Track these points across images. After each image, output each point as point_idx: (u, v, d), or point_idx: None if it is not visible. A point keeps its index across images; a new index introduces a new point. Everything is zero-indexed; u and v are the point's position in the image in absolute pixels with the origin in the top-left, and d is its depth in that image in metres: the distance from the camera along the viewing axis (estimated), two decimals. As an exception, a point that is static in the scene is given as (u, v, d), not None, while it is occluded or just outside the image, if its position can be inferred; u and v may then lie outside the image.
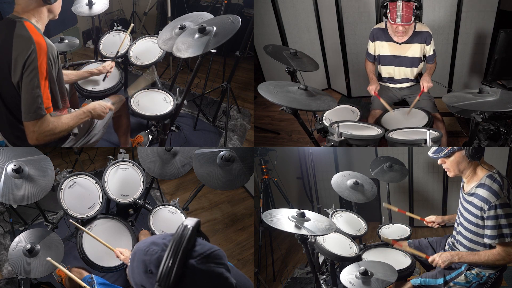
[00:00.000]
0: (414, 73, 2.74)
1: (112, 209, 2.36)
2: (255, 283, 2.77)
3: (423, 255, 2.06)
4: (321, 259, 2.37)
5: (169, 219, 2.32)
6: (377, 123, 2.40)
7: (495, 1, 3.17)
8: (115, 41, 2.78)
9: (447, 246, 2.13)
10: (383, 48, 2.72)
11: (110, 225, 2.21)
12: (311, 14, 3.70)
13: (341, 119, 2.38)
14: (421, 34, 2.61)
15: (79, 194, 2.16)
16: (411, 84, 2.79)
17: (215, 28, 1.93)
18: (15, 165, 1.96)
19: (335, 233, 2.31)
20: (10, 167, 1.97)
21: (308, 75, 2.67)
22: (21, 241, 1.99)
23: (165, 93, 2.39)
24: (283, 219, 1.83)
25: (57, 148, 3.49)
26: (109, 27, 3.07)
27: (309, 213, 1.86)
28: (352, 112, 2.56)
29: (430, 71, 2.69)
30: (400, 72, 2.75)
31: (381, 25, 2.70)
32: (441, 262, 1.89)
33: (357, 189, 2.51)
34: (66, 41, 2.79)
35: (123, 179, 2.27)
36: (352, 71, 3.84)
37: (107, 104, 2.12)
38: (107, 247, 1.95)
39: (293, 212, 1.85)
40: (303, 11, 3.69)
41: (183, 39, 2.00)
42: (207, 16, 2.33)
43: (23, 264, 1.93)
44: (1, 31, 1.77)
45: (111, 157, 2.28)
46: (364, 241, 2.38)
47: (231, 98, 3.28)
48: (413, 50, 2.65)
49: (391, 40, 2.66)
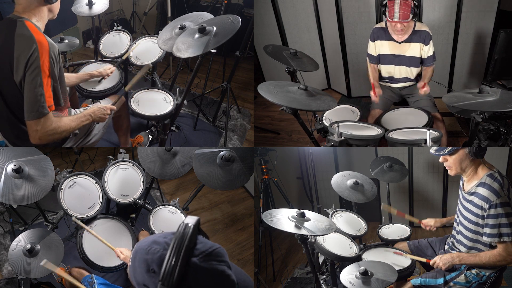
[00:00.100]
0: (414, 72, 2.74)
1: (112, 209, 2.36)
2: (255, 283, 2.77)
3: (423, 260, 2.05)
4: (321, 259, 2.37)
5: (169, 219, 2.32)
6: (377, 123, 2.41)
7: (495, 1, 3.17)
8: (115, 41, 2.78)
9: (446, 246, 2.13)
10: (383, 47, 2.72)
11: (110, 225, 2.21)
12: (311, 14, 3.70)
13: (341, 119, 2.38)
14: (420, 33, 2.60)
15: (79, 194, 2.16)
16: (411, 83, 2.79)
17: (215, 28, 1.93)
18: (15, 165, 1.97)
19: (335, 233, 2.31)
20: (10, 167, 1.97)
21: (308, 75, 2.67)
22: (21, 241, 1.99)
23: (165, 93, 2.39)
24: (283, 219, 1.83)
25: (57, 148, 3.49)
26: (109, 27, 3.07)
27: (309, 213, 1.86)
28: (352, 112, 2.56)
29: (427, 80, 2.63)
30: (400, 71, 2.75)
31: (381, 25, 2.70)
32: (442, 264, 1.89)
33: (357, 189, 2.51)
34: (66, 41, 2.79)
35: (123, 179, 2.27)
36: (352, 71, 3.84)
37: (108, 105, 2.12)
38: (108, 246, 1.95)
39: (293, 212, 1.85)
40: (303, 11, 3.69)
41: (183, 39, 2.00)
42: (207, 16, 2.33)
43: (23, 264, 1.93)
44: (2, 31, 1.77)
45: (111, 157, 2.29)
46: (364, 241, 2.38)
47: (231, 98, 3.28)
48: (413, 49, 2.65)
49: (391, 39, 2.66)
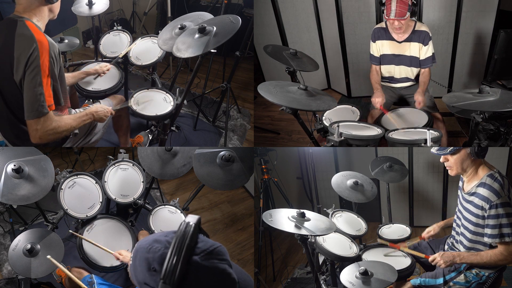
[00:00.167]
0: (414, 72, 2.73)
1: (112, 209, 2.36)
2: (255, 283, 2.77)
3: (422, 255, 2.05)
4: (321, 259, 2.37)
5: (169, 219, 2.32)
6: (377, 123, 2.40)
7: (495, 1, 3.17)
8: (115, 41, 2.78)
9: (446, 246, 2.13)
10: (383, 47, 2.72)
11: (110, 225, 2.21)
12: (311, 14, 3.70)
13: (341, 119, 2.38)
14: (419, 33, 2.60)
15: (79, 194, 2.16)
16: (411, 83, 2.79)
17: (215, 28, 1.93)
18: (15, 165, 1.96)
19: (335, 233, 2.31)
20: (10, 167, 1.97)
21: (308, 75, 2.67)
22: (21, 241, 1.99)
23: (165, 93, 2.39)
24: (283, 219, 1.83)
25: (57, 148, 3.49)
26: (109, 27, 3.07)
27: (309, 213, 1.86)
28: (352, 112, 2.56)
29: (423, 86, 2.61)
30: (400, 71, 2.75)
31: (382, 25, 2.70)
32: (442, 262, 1.88)
33: (357, 189, 2.51)
34: (66, 41, 2.79)
35: (123, 179, 2.27)
36: (352, 71, 3.84)
37: (109, 108, 2.14)
38: (106, 251, 1.94)
39: (293, 212, 1.85)
40: (303, 11, 3.69)
41: (183, 39, 1.99)
42: (207, 16, 2.33)
43: (23, 264, 1.93)
44: (2, 31, 1.78)
45: (111, 157, 2.28)
46: (364, 241, 2.38)
47: (231, 98, 3.28)
48: (413, 49, 2.65)
49: (392, 38, 2.66)
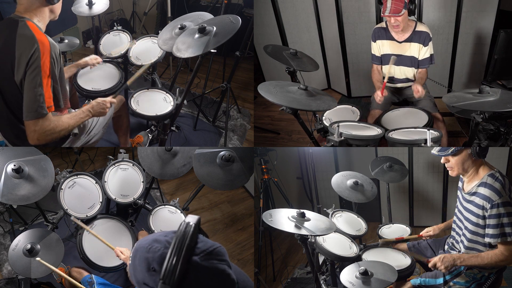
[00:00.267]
0: (414, 73, 2.73)
1: (112, 209, 2.36)
2: (255, 283, 2.77)
3: (424, 259, 2.03)
4: (321, 259, 2.37)
5: (169, 219, 2.32)
6: (377, 123, 2.40)
7: (495, 1, 3.17)
8: (115, 41, 2.78)
9: (446, 246, 2.13)
10: (383, 46, 2.72)
11: (110, 225, 2.21)
12: (311, 14, 3.70)
13: (341, 119, 2.38)
14: (420, 34, 2.60)
15: (79, 194, 2.16)
16: (412, 83, 2.78)
17: (215, 28, 1.93)
18: (15, 165, 1.96)
19: (335, 233, 2.31)
20: (10, 167, 1.97)
21: (308, 75, 2.67)
22: (21, 241, 1.99)
23: (165, 93, 2.39)
24: (283, 219, 1.83)
25: (57, 148, 3.49)
26: (109, 27, 3.07)
27: (309, 213, 1.86)
28: (352, 112, 2.56)
29: (420, 81, 2.64)
30: (401, 71, 2.74)
31: (382, 25, 2.70)
32: (443, 267, 1.84)
33: (357, 189, 2.51)
34: (66, 41, 2.79)
35: (123, 179, 2.27)
36: (352, 71, 3.84)
37: (107, 98, 2.07)
38: (108, 245, 1.95)
39: (293, 212, 1.85)
40: (303, 11, 3.69)
41: (183, 39, 1.99)
42: (207, 16, 2.33)
43: (23, 264, 1.93)
44: (3, 31, 1.77)
45: (111, 157, 2.29)
46: (364, 241, 2.38)
47: (231, 98, 3.28)
48: (413, 49, 2.65)
49: (392, 38, 2.66)
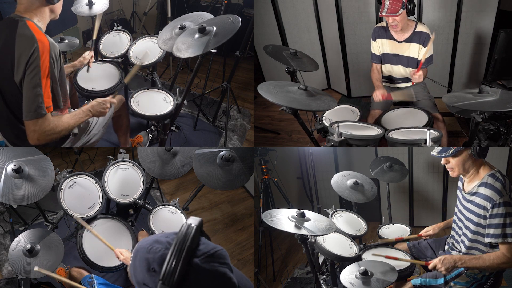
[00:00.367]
0: (412, 72, 2.73)
1: (112, 209, 2.36)
2: (255, 283, 2.77)
3: (422, 263, 2.02)
4: (321, 259, 2.37)
5: (169, 219, 2.32)
6: (377, 123, 2.40)
7: (495, 1, 3.17)
8: (115, 41, 2.78)
9: (446, 246, 2.13)
10: (383, 46, 2.72)
11: (110, 225, 2.20)
12: (311, 14, 3.71)
13: (341, 119, 2.38)
14: (420, 34, 2.60)
15: (79, 194, 2.16)
16: (411, 84, 2.79)
17: (215, 28, 1.93)
18: (15, 165, 1.96)
19: (335, 233, 2.31)
20: (10, 167, 1.97)
21: (308, 75, 2.67)
22: (21, 241, 1.99)
23: (165, 93, 2.39)
24: (283, 219, 1.83)
25: (57, 148, 3.49)
26: (109, 27, 3.07)
27: (309, 213, 1.86)
28: (352, 112, 2.56)
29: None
30: (399, 71, 2.75)
31: (382, 24, 2.71)
32: (444, 269, 1.84)
33: (357, 189, 2.51)
34: (66, 41, 2.79)
35: (123, 179, 2.27)
36: (352, 71, 3.84)
37: (107, 98, 2.06)
38: (108, 246, 1.95)
39: (293, 212, 1.85)
40: (303, 11, 3.69)
41: (183, 39, 1.99)
42: (207, 16, 2.33)
43: (23, 264, 1.93)
44: (3, 31, 1.77)
45: (111, 157, 2.28)
46: (364, 241, 2.38)
47: (231, 98, 3.28)
48: (412, 49, 2.65)
49: (392, 38, 2.67)
